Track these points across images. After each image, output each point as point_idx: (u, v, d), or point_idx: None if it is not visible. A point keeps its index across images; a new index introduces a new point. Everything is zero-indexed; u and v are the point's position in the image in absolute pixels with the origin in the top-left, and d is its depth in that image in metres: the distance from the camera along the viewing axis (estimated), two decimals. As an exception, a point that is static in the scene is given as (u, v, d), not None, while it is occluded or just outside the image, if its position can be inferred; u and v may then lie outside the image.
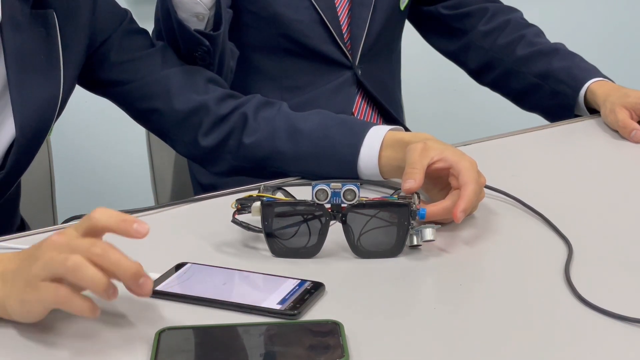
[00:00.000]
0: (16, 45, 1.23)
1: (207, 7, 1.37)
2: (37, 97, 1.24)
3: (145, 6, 1.51)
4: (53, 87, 1.26)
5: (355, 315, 0.99)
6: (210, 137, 1.36)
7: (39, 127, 1.26)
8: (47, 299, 0.91)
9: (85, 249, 0.90)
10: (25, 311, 0.93)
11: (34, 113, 1.24)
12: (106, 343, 0.93)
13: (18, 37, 1.23)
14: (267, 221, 1.10)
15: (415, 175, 1.15)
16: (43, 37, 1.26)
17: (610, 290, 1.03)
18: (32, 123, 1.24)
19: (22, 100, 1.23)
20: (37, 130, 1.26)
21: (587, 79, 1.63)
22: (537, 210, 1.22)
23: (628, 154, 1.48)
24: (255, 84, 1.68)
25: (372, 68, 1.73)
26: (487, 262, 1.12)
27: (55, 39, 1.27)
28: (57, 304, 0.91)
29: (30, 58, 1.24)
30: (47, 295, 0.90)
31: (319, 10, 1.65)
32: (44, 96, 1.25)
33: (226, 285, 1.03)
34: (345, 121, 1.34)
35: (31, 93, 1.24)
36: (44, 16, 1.26)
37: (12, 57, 1.23)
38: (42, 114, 1.26)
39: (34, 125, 1.25)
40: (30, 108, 1.23)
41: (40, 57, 1.25)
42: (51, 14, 1.27)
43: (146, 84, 1.37)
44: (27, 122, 1.23)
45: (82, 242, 0.91)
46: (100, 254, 0.90)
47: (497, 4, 1.82)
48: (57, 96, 1.27)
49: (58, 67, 1.27)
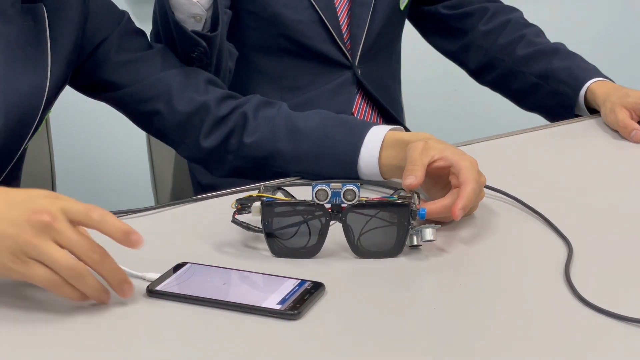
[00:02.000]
0: (4, 36, 1.24)
1: (204, 8, 1.37)
2: (23, 85, 1.25)
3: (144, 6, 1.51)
4: (40, 77, 1.27)
5: (355, 315, 0.99)
6: (211, 138, 1.36)
7: (25, 117, 1.26)
8: (35, 279, 0.93)
9: (84, 253, 0.94)
10: (1, 273, 0.94)
11: (19, 101, 1.24)
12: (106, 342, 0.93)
13: (6, 29, 1.24)
14: (267, 221, 1.10)
15: (416, 172, 1.15)
16: (32, 29, 1.27)
17: (610, 290, 1.03)
18: (17, 112, 1.24)
19: (8, 87, 1.23)
20: (23, 121, 1.26)
21: (587, 79, 1.63)
22: (537, 210, 1.22)
23: (628, 154, 1.48)
24: (255, 84, 1.68)
25: (372, 68, 1.73)
26: (487, 262, 1.12)
27: (43, 32, 1.28)
28: (45, 287, 0.94)
29: (17, 48, 1.25)
30: (37, 276, 0.93)
31: (318, 10, 1.65)
32: (30, 84, 1.26)
33: (226, 285, 1.03)
34: (345, 121, 1.34)
35: (17, 81, 1.24)
36: (34, 10, 1.27)
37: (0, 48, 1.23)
38: (28, 102, 1.26)
39: (19, 114, 1.25)
40: (15, 97, 1.24)
41: (27, 48, 1.26)
42: (40, 7, 1.28)
43: (147, 85, 1.37)
44: (12, 111, 1.24)
45: (81, 242, 0.93)
46: (99, 261, 0.95)
47: (497, 3, 1.81)
48: (43, 86, 1.27)
49: (45, 58, 1.27)
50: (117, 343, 0.93)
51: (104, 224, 0.96)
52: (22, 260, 0.93)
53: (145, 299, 1.01)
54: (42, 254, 0.93)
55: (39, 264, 0.93)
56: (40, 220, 0.93)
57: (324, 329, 0.96)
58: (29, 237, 0.93)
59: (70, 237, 0.94)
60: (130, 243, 0.96)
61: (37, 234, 0.93)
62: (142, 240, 0.96)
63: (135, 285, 1.00)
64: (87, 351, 0.92)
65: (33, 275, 0.94)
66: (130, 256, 0.99)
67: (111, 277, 0.97)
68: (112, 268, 0.96)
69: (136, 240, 0.96)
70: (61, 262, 0.93)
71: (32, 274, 0.93)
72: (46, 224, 0.93)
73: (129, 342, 0.94)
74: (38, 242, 0.93)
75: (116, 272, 0.97)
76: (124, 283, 0.97)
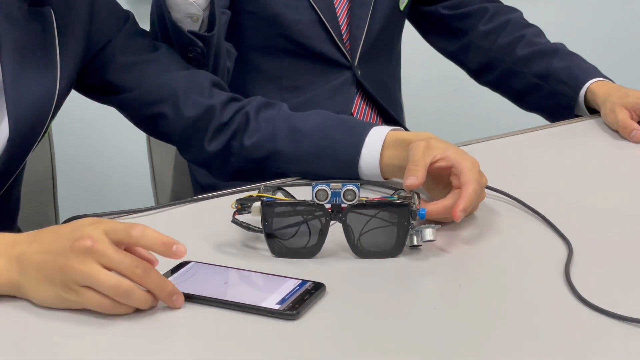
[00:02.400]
0: (12, 42, 1.23)
1: (201, 8, 1.37)
2: (32, 93, 1.24)
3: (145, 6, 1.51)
4: (49, 83, 1.26)
5: (355, 315, 0.99)
6: (216, 141, 1.36)
7: (34, 124, 1.25)
8: (89, 305, 0.96)
9: (128, 269, 0.95)
10: (57, 303, 0.96)
11: (28, 110, 1.23)
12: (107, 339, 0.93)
13: (14, 34, 1.23)
14: (267, 221, 1.10)
15: (417, 172, 1.15)
16: (40, 34, 1.25)
17: (610, 290, 1.03)
18: (26, 120, 1.23)
19: (17, 96, 1.22)
20: (32, 127, 1.25)
21: (587, 79, 1.63)
22: (537, 210, 1.22)
23: (628, 154, 1.48)
24: (255, 85, 1.68)
25: (372, 68, 1.73)
26: (487, 262, 1.12)
27: (52, 36, 1.26)
28: (98, 310, 0.96)
29: (26, 54, 1.24)
30: (90, 302, 0.95)
31: (318, 10, 1.65)
32: (40, 92, 1.25)
33: (227, 285, 1.03)
34: (346, 121, 1.34)
35: (27, 89, 1.23)
36: (42, 13, 1.26)
37: (8, 53, 1.22)
38: (37, 111, 1.25)
39: (29, 121, 1.24)
40: (25, 105, 1.23)
41: (36, 53, 1.25)
42: (48, 10, 1.26)
43: (152, 88, 1.36)
44: (22, 119, 1.23)
45: (123, 260, 0.95)
46: (143, 276, 0.96)
47: (497, 4, 1.81)
48: (53, 93, 1.26)
49: (55, 64, 1.26)
50: (118, 340, 0.93)
51: (143, 239, 0.96)
52: (74, 290, 0.95)
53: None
54: (88, 279, 0.94)
55: (89, 290, 0.95)
56: (83, 246, 0.94)
57: (323, 329, 0.96)
58: (75, 265, 0.94)
59: (112, 257, 0.95)
60: (172, 254, 0.97)
61: (82, 261, 0.94)
62: (185, 249, 0.97)
63: (136, 284, 1.00)
64: (87, 350, 0.92)
65: (86, 302, 0.95)
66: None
67: (158, 290, 0.97)
68: (157, 281, 0.97)
69: (178, 250, 0.97)
70: (105, 282, 0.94)
71: (85, 301, 0.95)
72: (88, 249, 0.94)
73: (130, 339, 0.94)
74: (83, 267, 0.94)
75: (162, 284, 0.97)
76: (173, 294, 0.98)
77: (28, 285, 0.97)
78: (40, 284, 0.96)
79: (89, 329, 0.95)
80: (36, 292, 0.97)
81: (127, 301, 0.95)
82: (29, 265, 0.97)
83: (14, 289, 0.98)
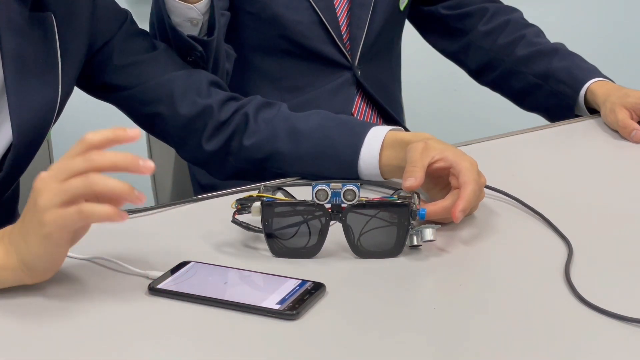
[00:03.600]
0: (14, 48, 1.22)
1: (201, 12, 1.37)
2: (35, 101, 1.23)
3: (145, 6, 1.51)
4: (51, 91, 1.26)
5: (355, 315, 0.99)
6: (214, 141, 1.36)
7: (37, 131, 1.25)
8: (72, 219, 0.94)
9: (84, 163, 0.94)
10: (50, 250, 0.96)
11: (31, 117, 1.23)
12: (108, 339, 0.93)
13: (16, 40, 1.22)
14: (267, 221, 1.10)
15: (415, 173, 1.15)
16: (41, 40, 1.25)
17: (610, 290, 1.03)
18: (29, 127, 1.23)
19: (20, 104, 1.22)
20: (35, 134, 1.25)
21: (587, 79, 1.63)
22: (537, 210, 1.22)
23: (628, 154, 1.48)
24: (255, 85, 1.68)
25: (372, 68, 1.73)
26: (487, 262, 1.12)
27: (53, 42, 1.26)
28: (83, 219, 0.94)
29: (28, 61, 1.23)
30: (71, 216, 0.93)
31: (318, 11, 1.65)
32: (42, 100, 1.24)
33: (227, 285, 1.03)
34: (345, 121, 1.34)
35: (29, 97, 1.23)
36: (43, 19, 1.25)
37: (10, 60, 1.22)
38: (40, 118, 1.25)
39: (31, 129, 1.24)
40: (28, 112, 1.23)
41: (38, 60, 1.24)
42: (50, 16, 1.26)
43: (150, 88, 1.36)
44: (25, 126, 1.23)
45: (77, 160, 0.95)
46: (99, 159, 0.95)
47: (497, 4, 1.82)
48: (55, 100, 1.26)
49: (57, 71, 1.26)
50: (119, 340, 0.93)
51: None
52: (52, 215, 0.94)
53: (147, 296, 1.01)
54: (52, 192, 0.93)
55: (63, 207, 0.93)
56: (48, 176, 0.95)
57: (323, 329, 0.96)
58: (53, 184, 0.94)
59: (64, 187, 0.94)
60: (140, 164, 0.96)
61: (53, 179, 0.94)
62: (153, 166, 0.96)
63: (137, 283, 1.00)
64: (88, 348, 0.92)
65: (67, 216, 0.93)
66: (131, 256, 0.99)
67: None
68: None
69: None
70: (71, 182, 0.93)
71: (65, 215, 0.93)
72: (50, 175, 0.95)
73: (131, 339, 0.94)
74: (48, 191, 0.94)
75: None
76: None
77: (25, 252, 0.97)
78: (30, 241, 0.96)
79: (89, 331, 0.95)
80: (32, 251, 0.96)
81: (105, 187, 0.93)
82: (18, 235, 0.97)
83: (17, 272, 0.98)
